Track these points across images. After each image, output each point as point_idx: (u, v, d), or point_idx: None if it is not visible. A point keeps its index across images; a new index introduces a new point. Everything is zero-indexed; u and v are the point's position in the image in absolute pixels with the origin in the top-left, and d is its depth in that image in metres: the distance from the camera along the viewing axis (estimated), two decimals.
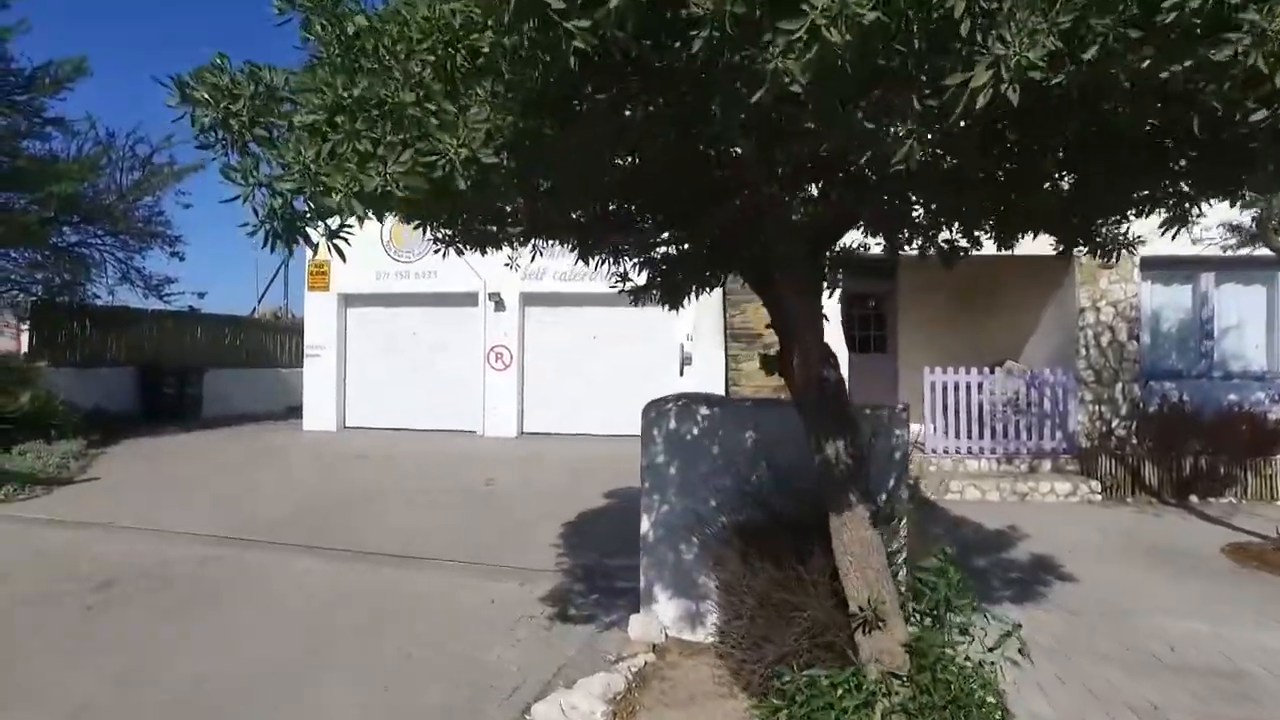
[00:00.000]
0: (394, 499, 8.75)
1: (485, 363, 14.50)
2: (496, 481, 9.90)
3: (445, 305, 14.87)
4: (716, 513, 4.75)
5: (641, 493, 5.08)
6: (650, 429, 4.98)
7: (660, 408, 4.97)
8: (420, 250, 14.60)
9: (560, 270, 14.18)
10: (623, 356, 14.34)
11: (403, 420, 14.91)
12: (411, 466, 10.96)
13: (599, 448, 12.79)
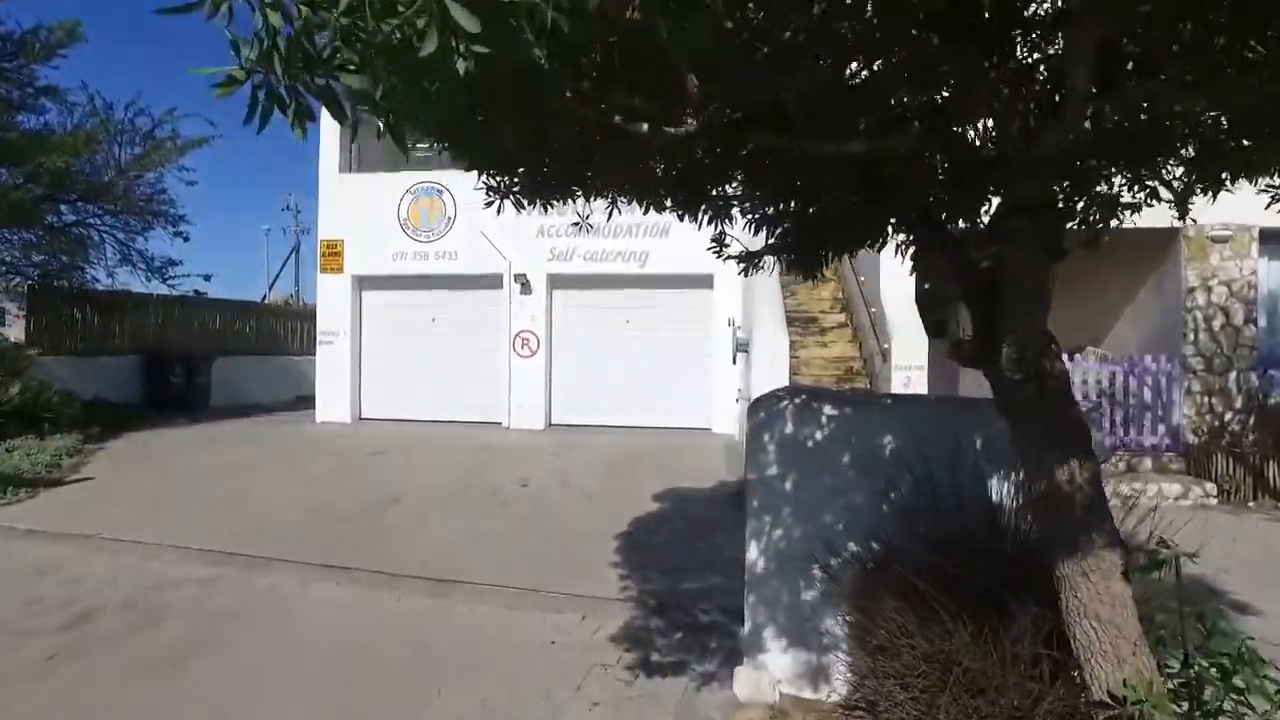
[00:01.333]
0: (420, 504, 7.76)
1: (510, 350, 13.50)
2: (531, 482, 8.90)
3: (467, 288, 13.86)
4: (846, 538, 3.73)
5: (748, 512, 4.05)
6: (760, 433, 3.94)
7: (772, 406, 3.93)
8: (440, 229, 13.62)
9: (590, 249, 13.19)
10: (659, 342, 13.33)
11: (422, 412, 13.94)
12: (435, 464, 9.97)
13: (636, 442, 11.80)
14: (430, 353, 14.03)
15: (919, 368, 8.27)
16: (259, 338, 19.73)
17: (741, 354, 9.34)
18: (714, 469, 9.71)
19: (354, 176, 14.17)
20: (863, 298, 9.44)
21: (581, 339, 13.62)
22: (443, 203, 13.68)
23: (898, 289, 8.76)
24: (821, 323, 10.49)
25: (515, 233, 13.35)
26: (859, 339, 10.31)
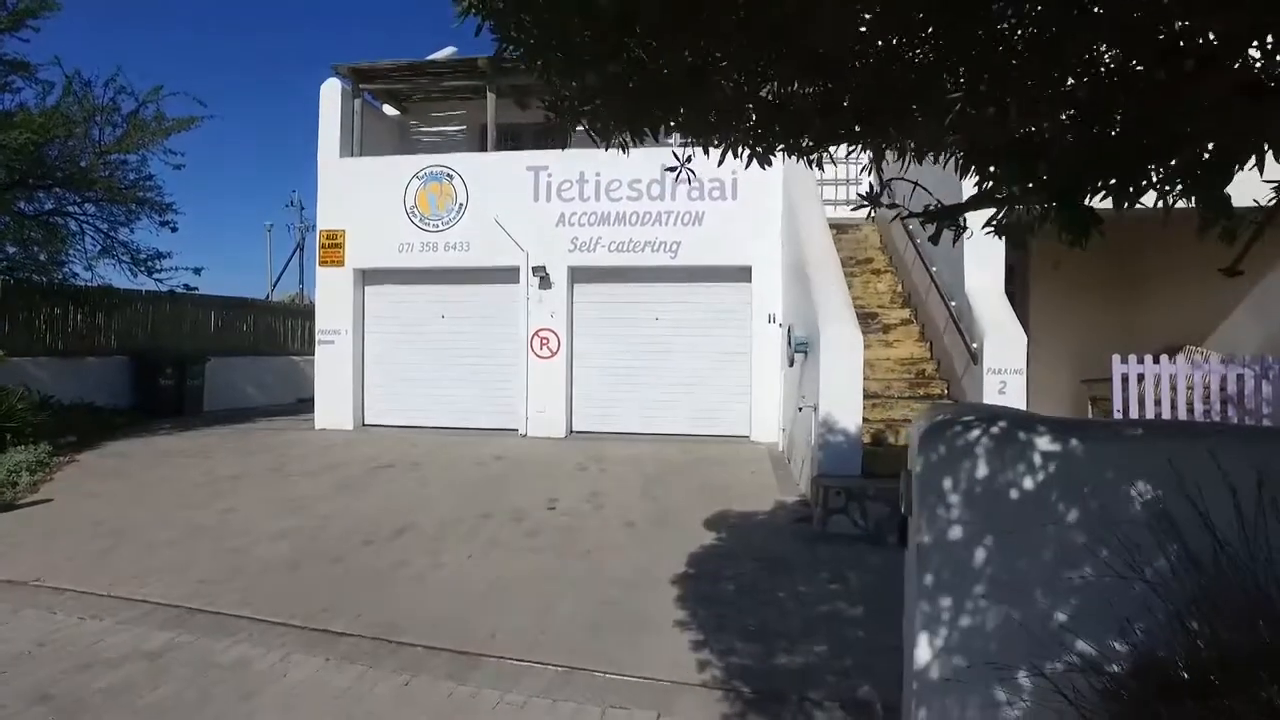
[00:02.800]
0: (431, 534, 6.53)
1: (528, 350, 12.26)
2: (560, 504, 7.67)
3: (480, 282, 12.62)
4: (1076, 634, 2.49)
5: (914, 588, 2.80)
6: (938, 476, 2.69)
7: (956, 438, 2.67)
8: (450, 217, 12.39)
9: (616, 239, 11.96)
10: (693, 341, 12.08)
11: (431, 417, 12.71)
12: (447, 481, 8.75)
13: (669, 453, 10.57)
14: (440, 353, 12.80)
15: (1016, 371, 7.02)
16: (258, 337, 18.58)
17: (800, 355, 8.07)
18: (764, 486, 8.47)
19: (356, 161, 12.95)
20: (938, 289, 8.18)
21: (606, 338, 12.38)
22: (453, 188, 12.46)
23: (984, 278, 7.50)
24: (882, 319, 9.23)
25: (533, 221, 12.15)
26: (928, 337, 9.04)
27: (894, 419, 7.83)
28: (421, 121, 15.82)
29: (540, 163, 12.30)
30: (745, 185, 11.72)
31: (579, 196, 12.15)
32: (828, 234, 8.97)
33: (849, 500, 6.52)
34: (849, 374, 7.01)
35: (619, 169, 12.02)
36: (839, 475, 6.98)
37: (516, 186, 12.28)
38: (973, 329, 7.34)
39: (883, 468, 7.11)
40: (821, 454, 7.05)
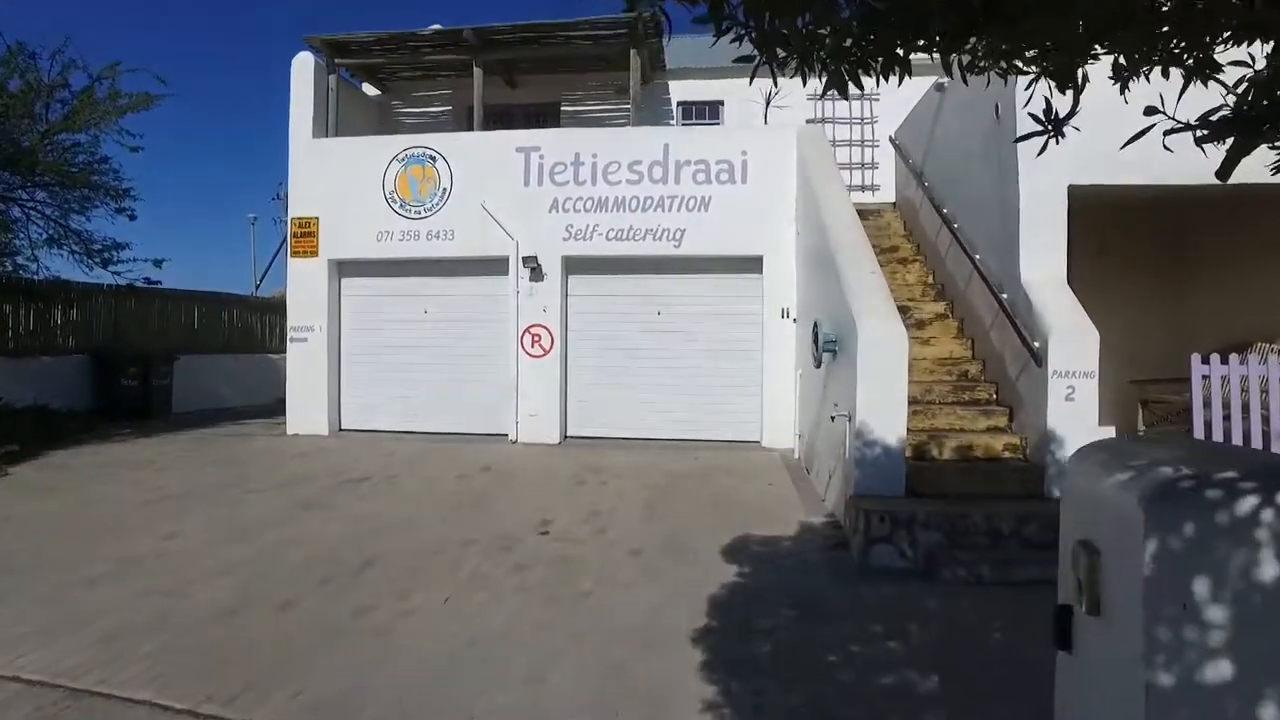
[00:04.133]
0: (402, 570, 5.52)
1: (518, 347, 11.24)
2: (554, 526, 6.67)
3: (466, 274, 11.60)
4: None
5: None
6: (1182, 574, 1.68)
7: (1209, 509, 1.66)
8: (433, 203, 11.36)
9: (615, 226, 10.96)
10: (697, 338, 11.10)
11: (412, 421, 11.70)
12: (426, 499, 7.73)
13: (674, 461, 9.59)
14: (422, 351, 11.78)
15: (1087, 375, 6.03)
16: (234, 333, 17.54)
17: (829, 355, 7.08)
18: (785, 502, 7.49)
19: (330, 142, 11.89)
20: (984, 279, 7.18)
21: (603, 334, 11.37)
22: (436, 172, 11.41)
23: (1045, 266, 6.51)
24: (914, 313, 8.24)
25: (523, 206, 11.13)
26: (967, 334, 8.05)
27: (938, 428, 6.84)
28: (404, 101, 14.78)
29: (531, 143, 11.27)
30: (756, 167, 10.74)
31: (574, 180, 11.13)
32: (855, 216, 7.97)
33: (894, 527, 5.53)
34: (891, 377, 6.01)
35: (617, 149, 11.02)
36: (879, 496, 5.99)
37: (505, 169, 11.25)
38: (1032, 325, 6.34)
39: (929, 486, 6.13)
40: (858, 470, 6.05)
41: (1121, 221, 8.83)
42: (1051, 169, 6.51)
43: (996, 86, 7.00)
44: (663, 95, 14.39)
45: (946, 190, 8.67)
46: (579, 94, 14.45)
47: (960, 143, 8.19)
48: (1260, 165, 6.78)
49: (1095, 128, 6.90)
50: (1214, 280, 9.17)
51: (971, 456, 6.47)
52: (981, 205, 7.53)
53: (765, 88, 12.93)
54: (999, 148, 6.99)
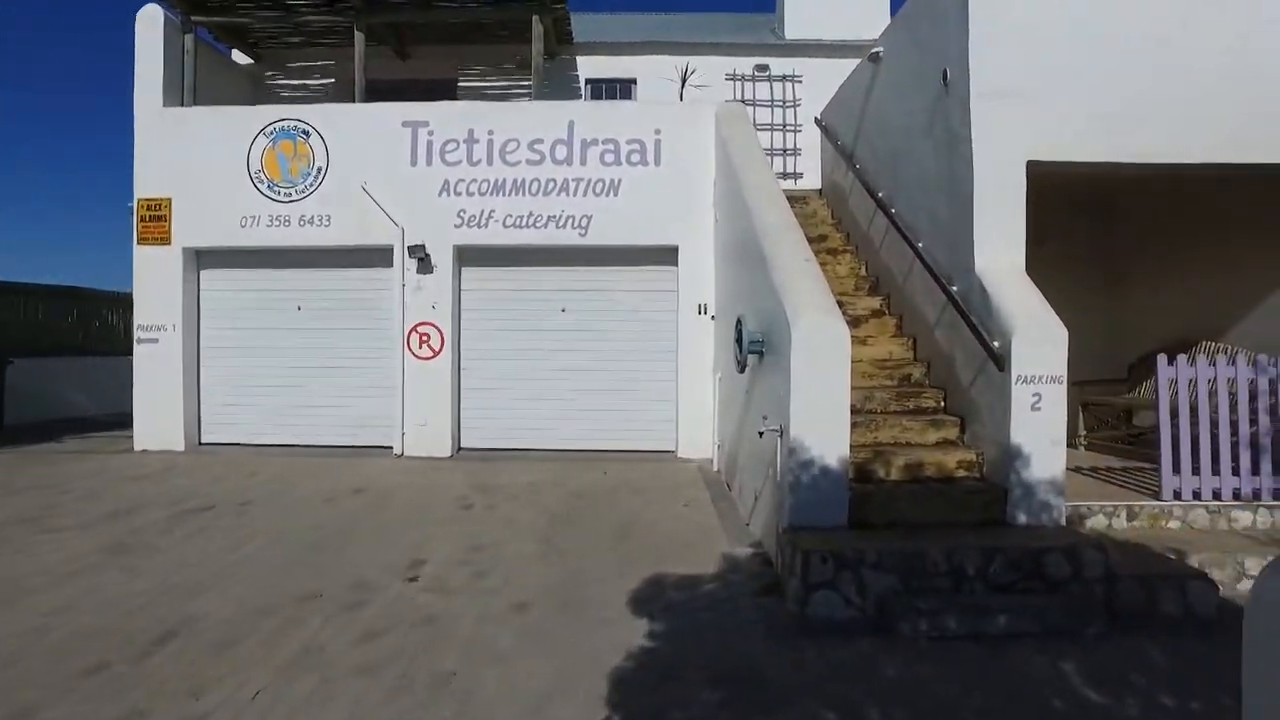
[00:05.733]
0: (215, 640, 4.21)
1: (404, 349, 9.92)
2: (426, 568, 5.44)
3: (345, 265, 10.21)
4: None
5: None
6: None
7: None
8: (306, 184, 9.94)
9: (514, 211, 9.77)
10: (606, 337, 10.01)
11: (285, 433, 10.24)
12: (278, 532, 6.39)
13: (579, 476, 8.51)
14: (296, 354, 10.32)
15: (1055, 380, 5.14)
16: (90, 333, 15.55)
17: (754, 357, 6.05)
18: (705, 529, 6.45)
19: (185, 112, 10.29)
20: (929, 271, 6.28)
21: (501, 334, 10.15)
22: (309, 149, 9.97)
23: (1004, 254, 5.62)
24: (848, 309, 7.29)
25: (409, 189, 9.83)
26: (907, 332, 7.16)
27: (883, 443, 5.88)
28: (280, 72, 13.19)
29: (419, 117, 9.95)
30: (671, 147, 9.70)
31: (467, 159, 9.87)
32: (784, 198, 6.97)
33: (839, 569, 4.52)
34: (832, 383, 5.01)
35: (517, 126, 9.82)
36: (818, 528, 4.98)
37: (389, 146, 9.92)
38: (990, 323, 5.44)
39: (876, 514, 5.15)
40: (793, 497, 5.03)
41: (1062, 210, 8.11)
42: (1010, 141, 5.64)
43: (942, 49, 6.09)
44: (570, 71, 13.21)
45: (882, 172, 7.77)
46: (478, 68, 13.14)
47: (899, 118, 7.29)
48: (1228, 143, 6.11)
49: (1059, 95, 6.16)
50: (1156, 276, 8.57)
51: (923, 476, 5.53)
52: (925, 186, 6.63)
53: (681, 65, 11.92)
54: (947, 118, 6.09)
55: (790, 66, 13.13)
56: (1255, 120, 5.84)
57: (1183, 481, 5.91)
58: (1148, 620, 4.63)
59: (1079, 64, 5.70)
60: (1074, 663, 3.98)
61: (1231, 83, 5.81)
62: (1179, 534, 5.74)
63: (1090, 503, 5.78)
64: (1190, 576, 4.76)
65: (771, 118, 13.06)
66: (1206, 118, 5.79)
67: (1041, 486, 5.13)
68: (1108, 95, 5.73)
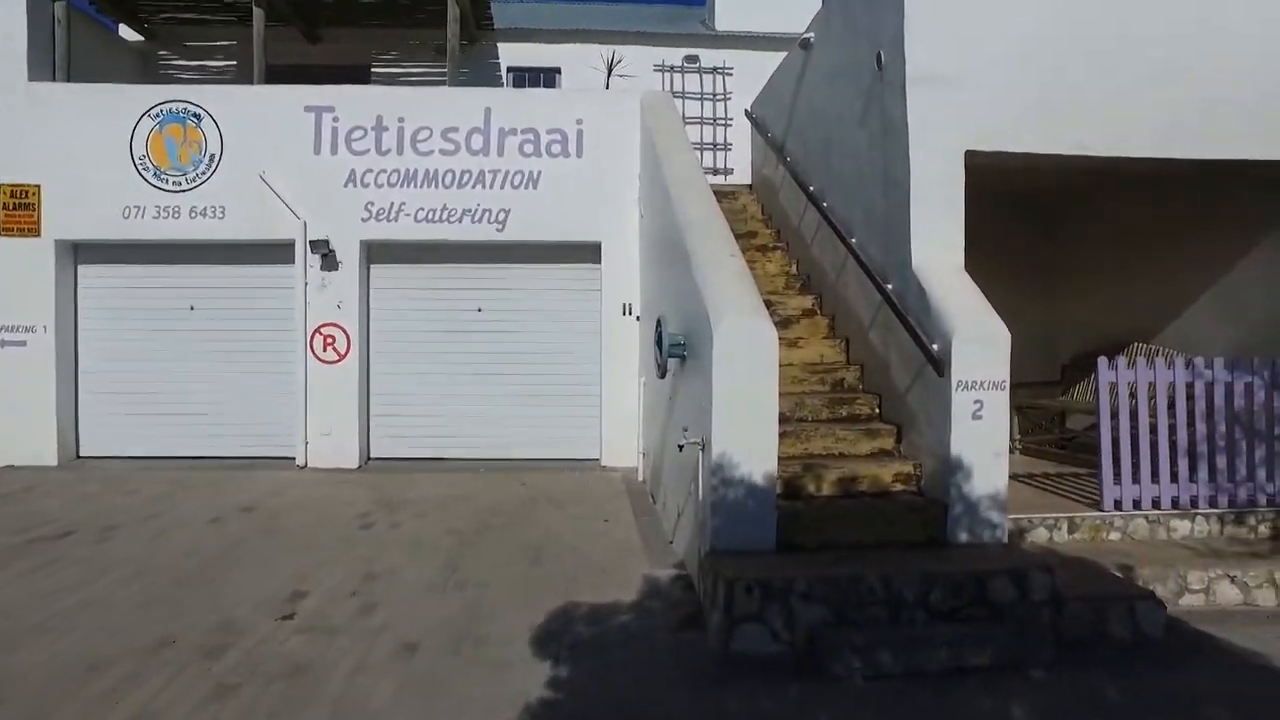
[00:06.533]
0: (34, 710, 3.52)
1: (307, 351, 9.16)
2: (308, 601, 4.79)
3: (241, 261, 9.39)
4: None
5: None
6: None
7: None
8: (198, 172, 9.11)
9: (426, 204, 9.14)
10: (526, 339, 9.42)
11: (175, 445, 9.36)
12: (141, 562, 5.64)
13: (495, 488, 7.98)
14: (188, 357, 9.45)
15: (997, 386, 4.77)
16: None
17: (675, 361, 5.56)
18: (623, 547, 5.96)
19: (57, 88, 9.32)
20: (862, 267, 5.87)
21: (414, 335, 9.46)
22: (201, 134, 9.13)
23: (943, 250, 5.23)
24: (778, 309, 6.86)
25: (312, 179, 9.09)
26: (840, 333, 6.77)
27: (814, 454, 5.43)
28: (175, 52, 12.23)
29: (323, 102, 9.20)
30: (594, 138, 9.15)
31: (376, 148, 9.17)
32: (708, 189, 6.50)
33: (766, 600, 4.05)
34: (758, 392, 4.54)
35: (429, 113, 9.16)
36: (744, 552, 4.50)
37: (291, 133, 9.14)
38: (928, 324, 5.04)
39: (807, 535, 4.70)
40: (715, 519, 4.54)
41: (993, 207, 7.86)
42: (949, 130, 5.26)
43: (876, 32, 5.69)
44: (490, 59, 12.56)
45: (814, 165, 7.37)
46: (393, 54, 12.40)
47: (831, 106, 6.89)
48: (1166, 137, 5.85)
49: (1000, 81, 5.77)
50: (1087, 280, 8.41)
51: (857, 491, 5.10)
52: (858, 178, 6.23)
53: (607, 54, 11.41)
54: (882, 105, 5.68)
55: (721, 58, 12.73)
56: (1193, 114, 5.59)
57: (1123, 490, 5.63)
58: (1097, 643, 4.29)
59: (1019, 48, 5.36)
60: (1025, 704, 3.58)
61: (1171, 74, 5.55)
62: (1120, 546, 5.46)
63: (1031, 515, 5.46)
64: (1138, 596, 4.43)
65: (701, 111, 12.64)
66: (1146, 110, 5.52)
67: (984, 502, 4.75)
68: (1049, 82, 5.41)
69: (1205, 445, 5.70)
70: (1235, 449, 5.73)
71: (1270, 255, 6.47)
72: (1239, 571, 5.07)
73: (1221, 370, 5.71)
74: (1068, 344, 8.54)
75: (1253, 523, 5.70)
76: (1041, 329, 8.64)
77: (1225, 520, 5.69)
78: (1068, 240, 8.73)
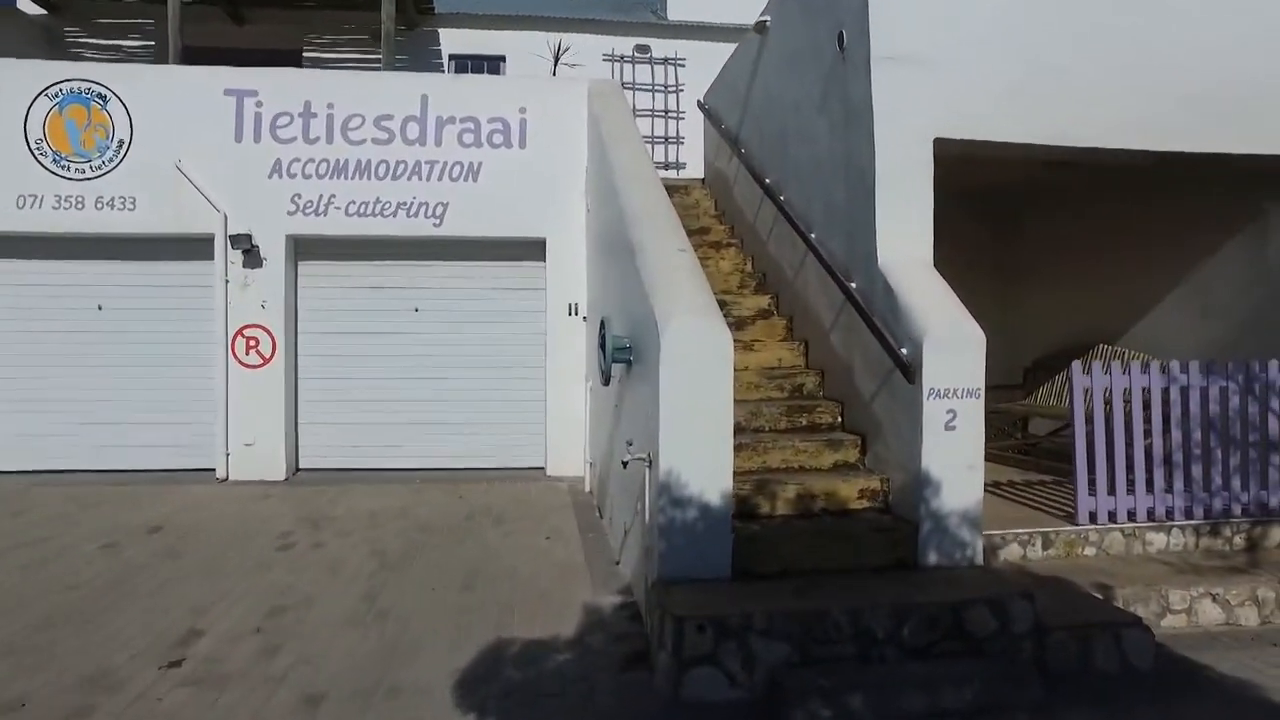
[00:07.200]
0: None
1: (228, 355, 8.47)
2: (202, 644, 4.20)
3: (157, 257, 8.66)
4: None
5: None
6: None
7: None
8: (105, 159, 8.37)
9: (358, 196, 8.52)
10: (468, 342, 8.88)
11: (82, 457, 8.59)
12: (14, 599, 4.97)
13: (431, 502, 7.45)
14: (97, 361, 8.68)
15: (972, 394, 4.36)
16: None
17: (621, 366, 5.07)
18: (566, 569, 5.46)
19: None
20: (823, 265, 5.44)
21: (346, 337, 8.83)
22: (108, 117, 8.38)
23: (910, 244, 4.82)
24: (732, 310, 6.43)
25: (234, 169, 8.42)
26: (798, 335, 6.35)
27: (772, 469, 4.98)
28: (85, 29, 11.35)
29: (245, 85, 8.53)
30: (539, 128, 8.63)
31: (304, 136, 8.52)
32: (657, 179, 6.02)
33: (720, 639, 3.58)
34: (710, 401, 4.07)
35: (361, 99, 8.55)
36: (696, 581, 4.03)
37: (210, 118, 8.46)
38: (896, 325, 4.62)
39: (765, 561, 4.24)
40: (664, 543, 4.06)
41: (951, 203, 7.55)
42: (917, 114, 4.84)
43: (837, 8, 5.26)
44: (432, 45, 11.93)
45: (771, 156, 6.94)
46: (326, 39, 11.70)
47: (789, 92, 6.45)
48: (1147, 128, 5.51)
49: (971, 62, 5.33)
50: (1051, 281, 8.16)
51: (820, 510, 4.67)
52: (818, 169, 5.81)
53: (554, 41, 10.88)
54: (844, 88, 5.26)
55: (673, 49, 12.27)
56: (1171, 104, 5.28)
57: (1098, 503, 5.29)
58: (1082, 677, 3.91)
59: (993, 27, 4.98)
60: None
61: (1149, 62, 5.23)
62: (1098, 563, 5.11)
63: (1004, 531, 5.08)
64: (1124, 624, 4.06)
65: (653, 104, 12.17)
66: (1124, 98, 5.19)
67: (957, 520, 4.35)
68: (1025, 66, 5.04)
69: (1180, 454, 5.39)
70: (1210, 457, 5.42)
71: (1242, 254, 6.22)
72: (1221, 589, 4.76)
73: (1196, 375, 5.40)
74: (1030, 346, 8.26)
75: (1228, 534, 5.41)
76: (1003, 331, 8.26)
77: (1201, 532, 5.39)
78: (1030, 238, 8.46)
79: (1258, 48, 5.35)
